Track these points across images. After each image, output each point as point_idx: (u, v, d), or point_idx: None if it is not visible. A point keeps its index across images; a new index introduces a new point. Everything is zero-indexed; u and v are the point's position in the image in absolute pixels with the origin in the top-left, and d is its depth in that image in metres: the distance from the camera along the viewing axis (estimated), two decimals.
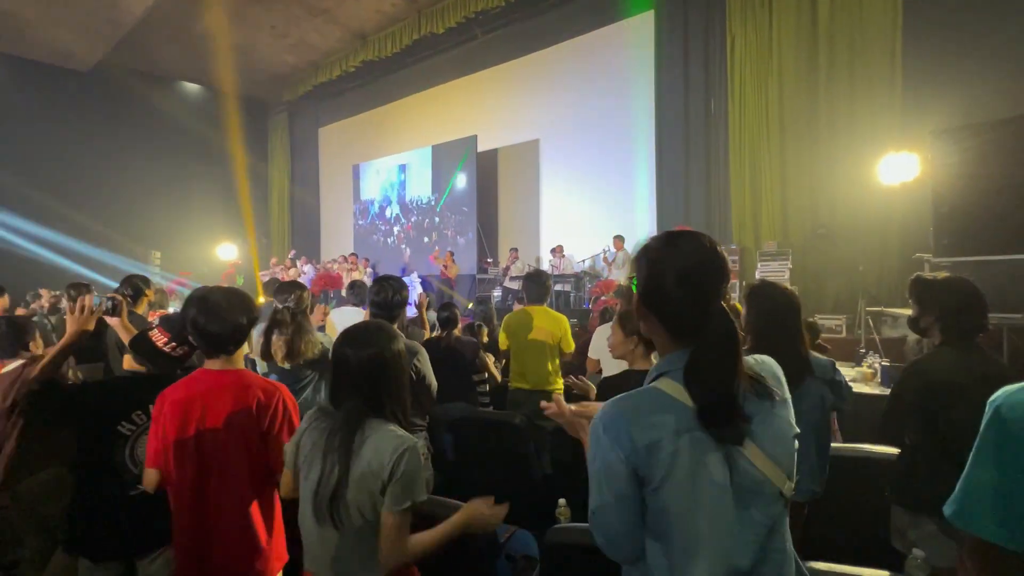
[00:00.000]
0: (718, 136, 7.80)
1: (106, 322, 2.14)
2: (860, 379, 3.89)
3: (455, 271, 9.89)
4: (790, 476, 0.90)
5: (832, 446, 2.01)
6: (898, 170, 5.58)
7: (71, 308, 1.82)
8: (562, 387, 3.27)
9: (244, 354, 1.65)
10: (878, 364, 3.97)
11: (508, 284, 9.13)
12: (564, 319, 3.28)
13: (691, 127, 8.13)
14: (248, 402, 1.50)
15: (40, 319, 5.48)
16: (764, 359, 0.98)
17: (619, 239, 8.12)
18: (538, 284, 3.30)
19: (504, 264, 9.55)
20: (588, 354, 3.34)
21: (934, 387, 1.69)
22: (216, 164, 13.76)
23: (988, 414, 0.83)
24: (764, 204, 7.29)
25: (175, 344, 1.69)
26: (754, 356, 0.97)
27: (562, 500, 1.99)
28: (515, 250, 9.47)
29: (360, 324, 1.42)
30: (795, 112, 6.98)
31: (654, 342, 0.99)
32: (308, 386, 2.63)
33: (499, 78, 10.63)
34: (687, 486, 0.85)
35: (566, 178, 9.76)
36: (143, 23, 10.14)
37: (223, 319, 1.51)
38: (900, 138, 5.84)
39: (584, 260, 8.93)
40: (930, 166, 4.92)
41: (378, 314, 2.41)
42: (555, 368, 3.22)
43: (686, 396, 0.88)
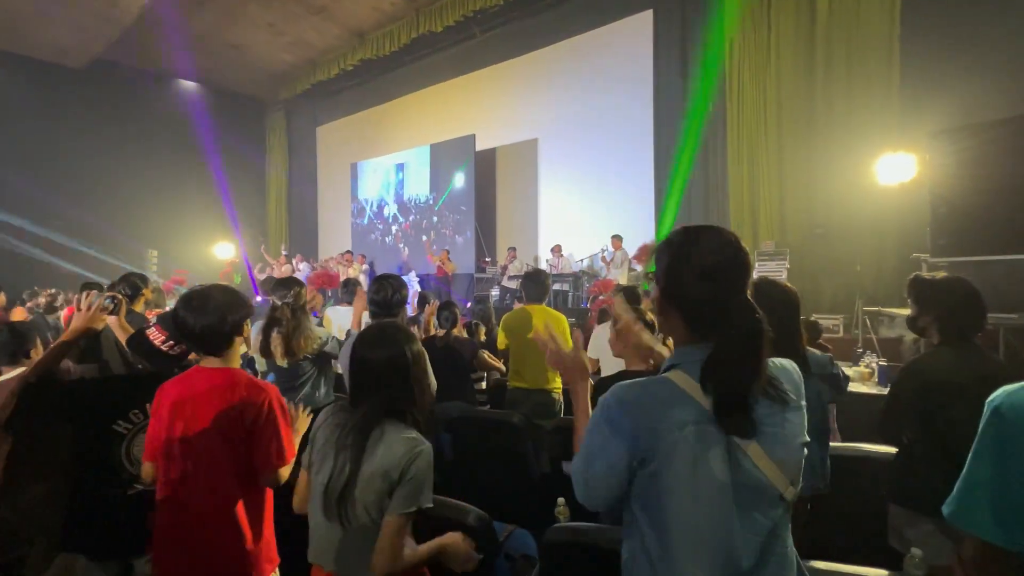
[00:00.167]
0: (716, 135, 7.81)
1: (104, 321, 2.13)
2: (857, 379, 3.90)
3: (452, 268, 9.88)
4: (794, 482, 0.89)
5: (831, 445, 2.02)
6: (895, 170, 5.59)
7: (79, 303, 1.81)
8: (561, 386, 3.27)
9: (242, 352, 1.64)
10: (875, 364, 3.99)
11: (506, 283, 9.12)
12: (563, 318, 3.28)
13: (689, 127, 8.14)
14: (234, 402, 1.47)
15: (37, 318, 5.47)
16: (785, 364, 0.97)
17: (617, 239, 8.12)
18: (537, 283, 3.30)
19: (502, 263, 9.54)
20: (587, 353, 3.34)
21: (932, 386, 1.70)
22: (213, 163, 13.72)
23: (987, 414, 0.83)
24: (762, 204, 7.30)
25: (172, 342, 1.68)
26: (775, 360, 0.97)
27: (561, 499, 1.98)
28: (513, 249, 9.46)
29: (377, 325, 1.42)
30: (793, 112, 7.00)
31: (671, 336, 0.99)
32: (307, 382, 2.63)
33: (497, 77, 10.61)
34: (687, 478, 0.86)
35: (565, 177, 9.76)
36: (139, 20, 10.09)
37: (208, 317, 1.49)
38: (897, 138, 5.86)
39: (582, 259, 8.93)
40: (927, 166, 4.93)
41: (378, 313, 2.40)
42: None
43: (695, 389, 0.88)
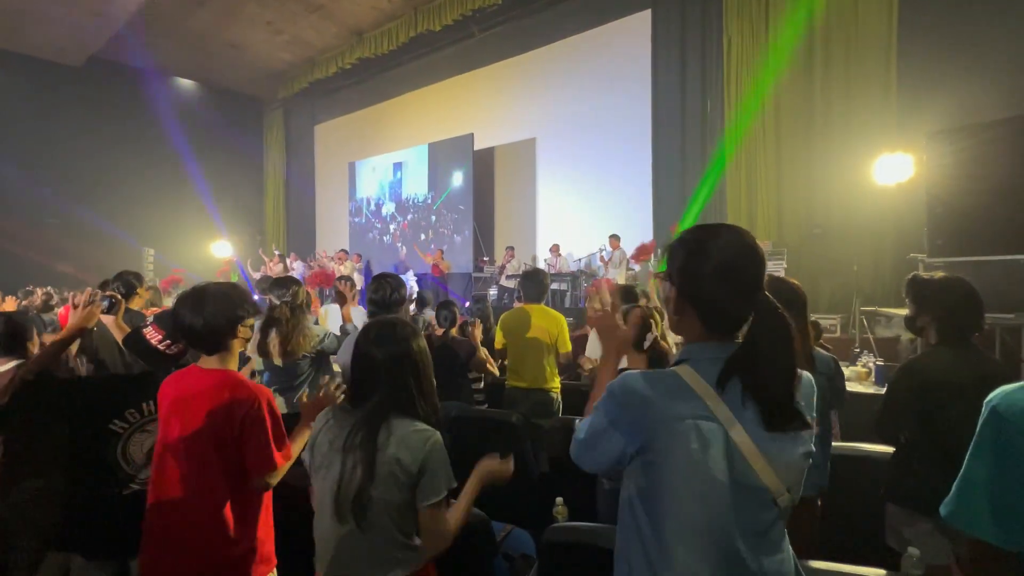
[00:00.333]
0: (714, 135, 7.82)
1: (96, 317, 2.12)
2: (855, 378, 3.91)
3: (447, 266, 9.87)
4: (791, 489, 0.88)
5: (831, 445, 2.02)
6: (893, 171, 5.61)
7: (74, 300, 1.80)
8: (559, 386, 3.27)
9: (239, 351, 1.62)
10: (872, 363, 4.00)
11: (504, 282, 9.12)
12: (561, 318, 3.28)
13: (687, 126, 8.15)
14: (224, 403, 1.45)
15: (34, 317, 5.43)
16: (803, 375, 0.96)
17: (615, 238, 8.13)
18: (536, 282, 3.30)
19: (500, 263, 9.54)
20: (586, 353, 3.34)
21: (930, 386, 1.70)
22: (210, 161, 13.68)
23: (985, 414, 0.83)
24: (759, 203, 7.31)
25: (169, 342, 1.67)
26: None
27: (559, 499, 1.98)
28: (511, 248, 9.46)
29: (380, 321, 1.40)
30: (791, 112, 7.01)
31: (684, 335, 0.98)
32: (305, 382, 2.62)
33: (496, 76, 10.60)
34: (684, 471, 0.86)
35: (563, 177, 9.75)
36: (137, 18, 10.06)
37: (205, 316, 1.47)
38: (895, 139, 5.88)
39: (580, 259, 8.93)
40: (925, 167, 4.94)
41: (376, 312, 2.40)
42: (552, 367, 3.21)
43: (701, 385, 0.89)
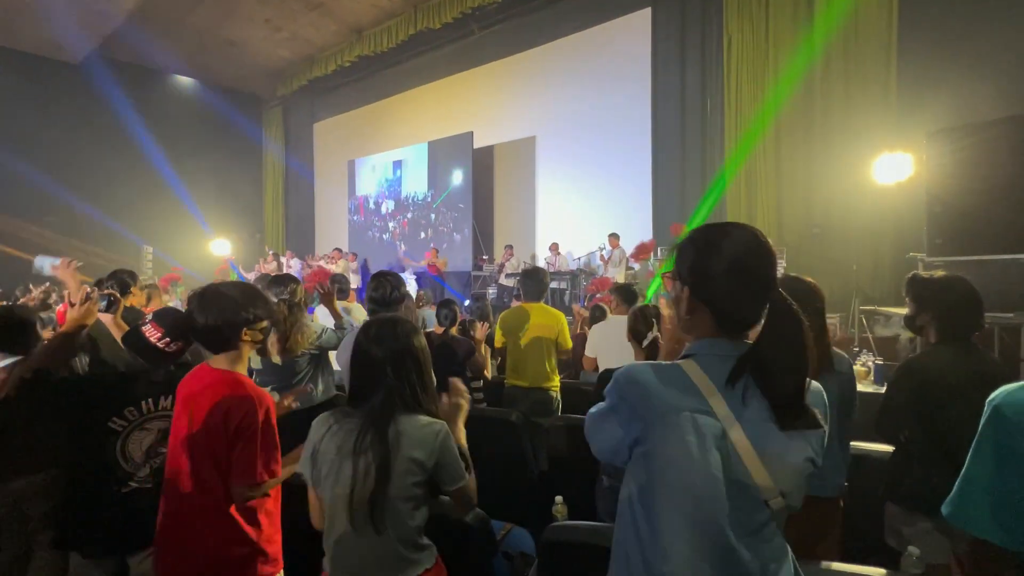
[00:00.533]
0: (714, 134, 7.81)
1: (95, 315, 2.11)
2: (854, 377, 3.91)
3: (443, 263, 9.86)
4: (785, 495, 0.87)
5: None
6: (892, 170, 5.61)
7: (71, 298, 1.78)
8: (559, 384, 3.27)
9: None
10: (871, 362, 4.00)
11: (503, 281, 9.11)
12: (561, 316, 3.28)
13: (687, 125, 8.14)
14: (222, 405, 1.44)
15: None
16: (814, 385, 0.95)
17: (614, 237, 8.12)
18: (535, 281, 3.29)
19: (499, 261, 9.54)
20: (585, 352, 3.34)
21: (929, 385, 1.70)
22: (209, 159, 13.65)
23: (987, 413, 0.83)
24: (759, 203, 7.31)
25: (168, 339, 1.66)
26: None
27: (559, 497, 1.98)
28: (510, 247, 9.45)
29: (379, 319, 1.40)
30: (790, 111, 7.00)
31: (695, 334, 0.98)
32: (304, 380, 2.60)
33: (496, 74, 10.59)
34: (678, 462, 0.86)
35: (562, 175, 9.75)
36: (135, 15, 10.02)
37: (213, 315, 1.47)
38: (895, 138, 5.87)
39: (580, 258, 8.93)
40: (924, 166, 4.95)
41: (376, 310, 2.39)
42: (552, 365, 3.21)
43: (704, 380, 0.89)
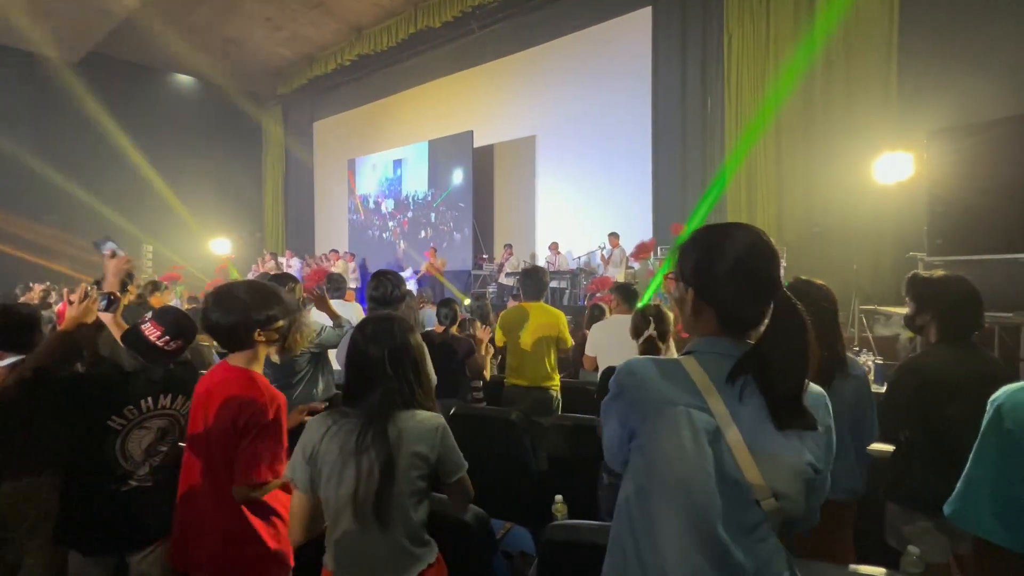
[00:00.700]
0: (715, 134, 7.80)
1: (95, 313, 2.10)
2: None
3: (442, 263, 9.86)
4: (779, 496, 0.86)
5: None
6: (893, 169, 5.60)
7: (69, 296, 1.78)
8: (559, 383, 3.27)
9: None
10: (871, 362, 4.00)
11: (503, 280, 9.11)
12: (561, 315, 3.28)
13: (688, 124, 8.13)
14: (233, 402, 1.45)
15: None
16: (815, 389, 0.94)
17: (614, 236, 8.12)
18: (535, 280, 3.29)
19: (499, 260, 9.53)
20: (585, 351, 3.34)
21: (930, 385, 1.69)
22: (209, 157, 13.63)
23: (989, 413, 0.82)
24: (759, 202, 7.31)
25: (168, 338, 1.66)
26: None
27: (558, 496, 1.98)
28: (510, 246, 9.45)
29: (376, 317, 1.40)
30: (791, 110, 7.00)
31: (699, 332, 0.98)
32: (304, 379, 2.59)
33: (496, 73, 10.58)
34: (671, 455, 0.87)
35: (562, 174, 9.74)
36: (135, 13, 10.01)
37: (228, 314, 1.50)
38: (895, 137, 5.87)
39: (580, 257, 8.93)
40: (925, 166, 4.94)
41: (376, 309, 2.39)
42: (552, 364, 3.21)
43: (701, 377, 0.89)
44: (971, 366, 1.66)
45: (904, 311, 1.92)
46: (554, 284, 8.18)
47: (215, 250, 12.54)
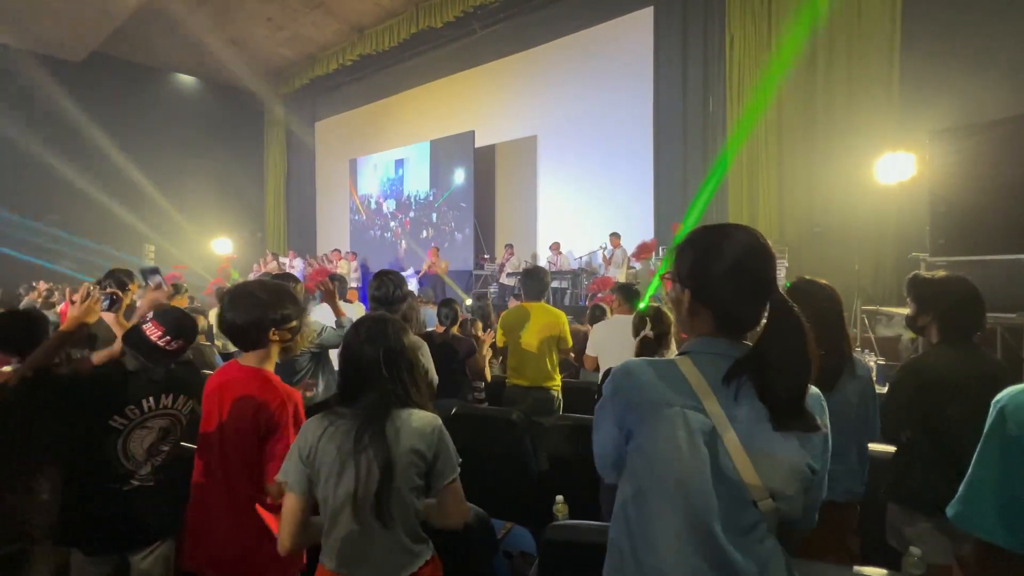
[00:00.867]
0: (716, 134, 7.80)
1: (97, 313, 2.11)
2: None
3: (444, 265, 9.86)
4: (776, 496, 0.85)
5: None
6: (895, 170, 5.59)
7: (71, 296, 1.79)
8: (560, 383, 3.27)
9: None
10: (873, 363, 4.00)
11: (504, 280, 9.11)
12: (562, 315, 3.28)
13: (689, 124, 8.13)
14: (250, 401, 1.47)
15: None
16: (813, 390, 0.94)
17: (616, 236, 8.11)
18: (536, 280, 3.29)
19: (500, 260, 9.53)
20: (586, 351, 3.34)
21: (931, 385, 1.69)
22: (210, 157, 13.64)
23: (992, 415, 0.82)
24: (761, 202, 7.30)
25: (169, 338, 1.66)
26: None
27: (559, 496, 1.98)
28: (511, 246, 9.44)
29: (370, 317, 1.40)
30: (793, 110, 6.99)
31: (695, 332, 0.98)
32: (304, 378, 2.60)
33: (497, 73, 10.58)
34: (667, 456, 0.87)
35: (564, 175, 9.73)
36: (137, 13, 10.02)
37: (241, 314, 1.51)
38: (897, 138, 5.86)
39: (581, 257, 8.92)
40: (927, 166, 4.93)
41: (379, 309, 2.39)
42: (553, 365, 3.21)
43: (697, 378, 0.89)
44: (972, 366, 1.66)
45: (906, 312, 1.91)
46: (555, 284, 8.18)
47: (217, 250, 12.55)
